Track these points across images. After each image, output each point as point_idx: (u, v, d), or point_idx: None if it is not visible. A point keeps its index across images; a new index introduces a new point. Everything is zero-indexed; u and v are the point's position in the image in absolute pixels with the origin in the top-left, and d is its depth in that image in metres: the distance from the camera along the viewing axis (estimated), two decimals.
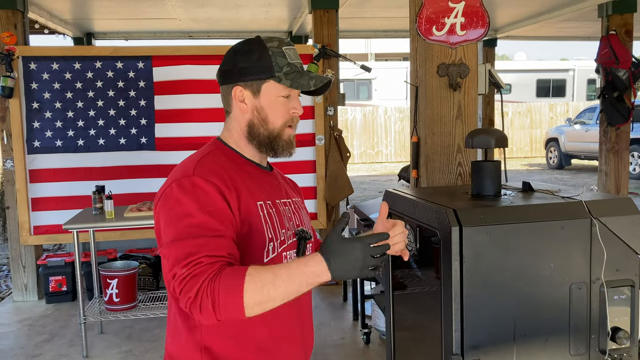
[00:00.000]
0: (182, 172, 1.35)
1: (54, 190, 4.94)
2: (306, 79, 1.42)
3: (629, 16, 5.92)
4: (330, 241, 1.24)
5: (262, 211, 1.40)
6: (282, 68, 1.42)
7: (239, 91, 1.44)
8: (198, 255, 1.23)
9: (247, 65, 1.42)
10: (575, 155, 14.43)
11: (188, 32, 7.94)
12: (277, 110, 1.44)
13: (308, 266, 1.23)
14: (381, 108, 17.40)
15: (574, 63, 20.19)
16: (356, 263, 1.22)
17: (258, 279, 1.20)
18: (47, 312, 4.78)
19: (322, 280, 1.24)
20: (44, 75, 4.87)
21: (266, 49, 1.42)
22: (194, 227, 1.26)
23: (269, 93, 1.43)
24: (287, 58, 1.43)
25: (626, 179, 6.10)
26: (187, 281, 1.21)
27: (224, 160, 1.43)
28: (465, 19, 2.40)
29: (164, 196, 1.35)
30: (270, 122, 1.44)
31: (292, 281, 1.22)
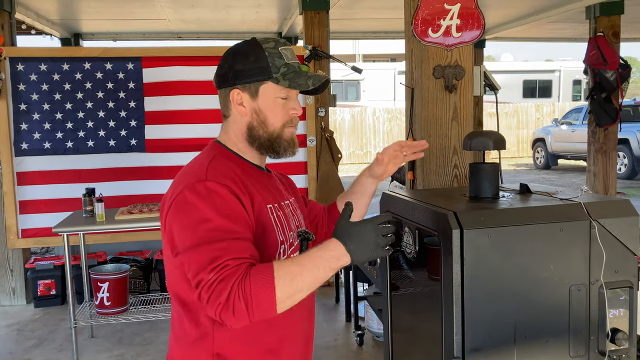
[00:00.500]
0: (194, 178, 1.33)
1: (42, 192, 4.87)
2: (304, 78, 1.41)
3: (616, 18, 5.98)
4: (341, 226, 1.28)
5: (272, 214, 1.40)
6: (280, 69, 1.40)
7: (237, 94, 1.43)
8: (223, 258, 1.21)
9: (244, 68, 1.41)
10: (561, 155, 14.56)
11: (177, 32, 7.89)
12: (276, 111, 1.42)
13: (328, 251, 1.26)
14: (369, 109, 17.43)
15: (559, 64, 20.39)
16: (371, 243, 1.26)
17: (287, 272, 1.21)
18: (35, 317, 4.71)
19: (343, 264, 1.27)
20: (31, 76, 4.80)
21: (262, 50, 1.41)
22: (214, 231, 1.25)
23: (267, 95, 1.41)
24: (284, 58, 1.41)
25: (614, 179, 6.17)
26: (215, 286, 1.20)
27: (229, 164, 1.41)
28: (461, 20, 2.40)
29: (175, 203, 1.32)
30: (269, 124, 1.43)
31: (318, 269, 1.24)
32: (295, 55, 1.47)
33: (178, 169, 4.98)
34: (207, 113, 5.01)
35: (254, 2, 6.05)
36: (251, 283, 1.18)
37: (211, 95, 5.00)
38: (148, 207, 4.09)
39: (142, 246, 5.31)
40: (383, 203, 2.20)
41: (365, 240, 1.26)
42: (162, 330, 4.34)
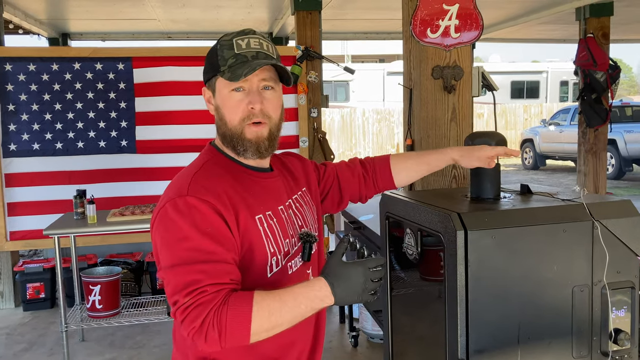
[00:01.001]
0: (175, 192, 1.29)
1: (31, 194, 4.80)
2: (244, 67, 1.30)
3: (605, 19, 6.04)
4: (332, 265, 1.26)
5: (262, 225, 1.34)
6: (227, 61, 1.32)
7: (205, 92, 1.42)
8: (201, 284, 1.19)
9: (205, 66, 1.39)
10: (549, 155, 14.68)
11: (167, 32, 7.84)
12: (230, 106, 1.35)
13: (313, 290, 1.23)
14: (359, 110, 17.46)
15: (547, 65, 20.56)
16: (357, 287, 1.24)
17: (265, 307, 1.19)
18: (24, 320, 4.65)
19: (325, 305, 1.25)
20: (20, 76, 4.73)
21: (217, 44, 1.37)
22: (192, 250, 1.22)
23: (220, 90, 1.36)
24: (233, 49, 1.33)
25: (604, 180, 6.22)
26: (190, 310, 1.18)
27: (219, 172, 1.35)
28: (460, 21, 2.39)
29: (159, 217, 1.28)
30: (228, 121, 1.36)
31: (298, 307, 1.22)
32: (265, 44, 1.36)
33: (169, 170, 4.90)
34: (199, 114, 4.97)
35: (245, 2, 6.02)
36: (227, 314, 1.17)
37: (202, 96, 4.95)
38: (140, 209, 4.05)
39: (132, 248, 5.25)
40: (383, 204, 2.18)
41: (352, 284, 1.24)
42: (155, 333, 4.30)
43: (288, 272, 1.40)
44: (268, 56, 1.35)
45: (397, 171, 1.75)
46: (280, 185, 1.48)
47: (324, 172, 1.69)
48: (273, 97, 1.38)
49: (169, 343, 4.08)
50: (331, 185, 1.69)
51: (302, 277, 1.45)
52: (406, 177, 1.78)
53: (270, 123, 1.37)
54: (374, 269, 1.26)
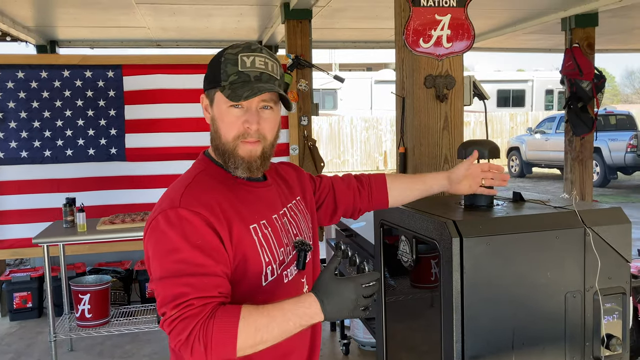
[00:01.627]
0: (168, 203, 1.28)
1: (19, 202, 4.76)
2: (245, 89, 1.28)
3: (590, 30, 6.14)
4: (323, 281, 1.25)
5: (257, 235, 1.34)
6: (229, 77, 1.31)
7: (202, 99, 1.40)
8: (188, 297, 1.19)
9: (207, 74, 1.38)
10: (535, 163, 14.83)
11: (156, 40, 7.83)
12: (227, 122, 1.33)
13: (302, 307, 1.22)
14: (347, 118, 17.52)
15: (532, 74, 20.82)
16: (349, 304, 1.23)
17: (252, 323, 1.19)
18: (11, 330, 4.58)
19: (314, 322, 1.25)
20: (8, 84, 4.70)
21: (222, 55, 1.35)
22: (181, 262, 1.22)
23: (219, 104, 1.34)
24: (237, 66, 1.31)
25: (590, 187, 6.30)
26: (177, 323, 1.18)
27: (212, 183, 1.34)
28: (452, 31, 2.43)
29: (151, 228, 1.28)
30: (222, 135, 1.34)
31: (287, 323, 1.22)
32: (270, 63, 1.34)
33: (159, 178, 4.87)
34: (189, 121, 4.96)
35: (236, 10, 6.04)
36: (214, 328, 1.17)
37: (192, 104, 4.95)
38: (130, 217, 4.03)
39: (121, 257, 5.21)
40: (377, 212, 2.20)
41: (343, 301, 1.22)
42: (144, 342, 4.26)
43: (283, 280, 1.40)
44: (271, 77, 1.33)
45: (392, 187, 1.75)
46: (274, 194, 1.47)
47: (319, 183, 1.70)
48: (271, 117, 1.36)
49: (159, 352, 4.05)
50: (326, 195, 1.69)
51: (297, 285, 1.45)
52: (400, 194, 1.76)
53: (264, 143, 1.35)
54: (366, 285, 1.24)
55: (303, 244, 1.44)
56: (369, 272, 1.31)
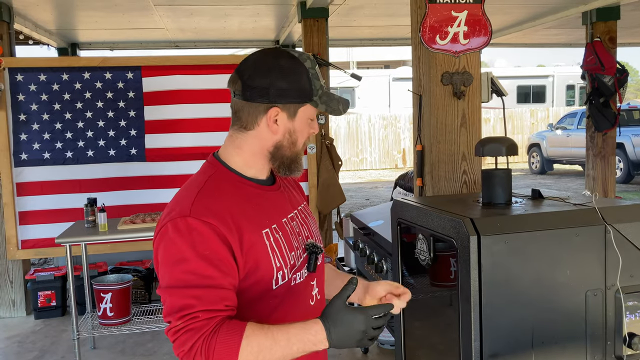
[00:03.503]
0: (178, 211, 1.27)
1: (42, 203, 4.84)
2: (335, 102, 1.38)
3: (612, 23, 6.03)
4: (334, 309, 1.23)
5: (269, 239, 1.33)
6: (318, 91, 1.36)
7: (276, 112, 1.35)
8: (194, 309, 1.19)
9: (288, 87, 1.33)
10: (557, 160, 14.62)
11: (174, 41, 7.90)
12: (305, 132, 1.39)
13: (308, 334, 1.21)
14: (365, 116, 17.48)
15: (553, 69, 20.53)
16: (357, 335, 1.22)
17: (255, 343, 1.19)
18: (36, 328, 4.67)
19: (318, 349, 1.23)
20: (31, 86, 4.78)
21: (306, 70, 1.34)
22: (189, 273, 1.21)
23: (303, 116, 1.37)
24: (320, 80, 1.37)
25: (613, 184, 6.20)
26: (181, 334, 1.19)
27: (223, 188, 1.33)
28: (468, 27, 2.41)
29: (160, 235, 1.28)
30: (297, 145, 1.39)
31: (290, 348, 1.21)
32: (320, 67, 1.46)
33: (179, 178, 4.92)
34: (208, 121, 5.00)
35: (253, 10, 6.07)
36: (216, 344, 1.17)
37: (211, 104, 4.99)
38: (151, 217, 4.07)
39: (141, 256, 5.27)
40: (394, 210, 2.19)
41: (351, 332, 1.21)
42: (165, 341, 4.31)
43: (291, 283, 1.38)
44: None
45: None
46: (284, 197, 1.47)
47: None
48: None
49: None
50: None
51: (307, 288, 1.44)
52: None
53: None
54: (377, 317, 1.23)
55: (314, 246, 1.44)
56: (382, 304, 1.28)
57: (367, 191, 12.80)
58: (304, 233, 1.45)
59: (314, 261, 1.43)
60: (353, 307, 1.24)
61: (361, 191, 12.81)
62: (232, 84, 1.38)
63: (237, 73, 1.37)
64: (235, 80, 1.37)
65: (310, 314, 1.38)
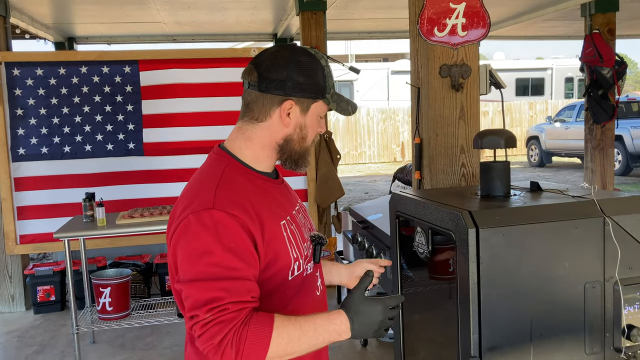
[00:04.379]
0: (199, 203, 1.26)
1: (40, 198, 4.84)
2: (345, 103, 1.42)
3: (611, 15, 6.01)
4: (355, 300, 1.29)
5: (286, 231, 1.35)
6: (330, 89, 1.39)
7: (290, 105, 1.35)
8: (224, 301, 1.19)
9: (304, 82, 1.34)
10: (555, 152, 14.63)
11: (172, 35, 7.86)
12: (315, 128, 1.41)
13: (333, 324, 1.26)
14: (363, 109, 17.45)
15: (551, 62, 20.49)
16: (375, 325, 1.28)
17: (285, 334, 1.21)
18: (35, 323, 4.67)
19: (341, 339, 1.28)
20: (27, 81, 4.76)
21: (322, 68, 1.37)
22: (215, 266, 1.21)
23: (315, 112, 1.39)
24: (332, 79, 1.40)
25: (612, 176, 6.20)
26: (210, 327, 1.18)
27: (240, 181, 1.33)
28: (466, 19, 2.40)
29: (181, 227, 1.26)
30: (307, 140, 1.41)
31: (317, 338, 1.25)
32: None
33: (177, 172, 4.89)
34: (206, 115, 4.98)
35: (250, 3, 6.04)
36: (247, 335, 1.17)
37: (209, 98, 4.97)
38: (149, 211, 4.07)
39: (140, 250, 5.27)
40: (393, 203, 2.19)
41: (371, 322, 1.27)
42: (164, 335, 4.32)
43: (304, 274, 1.41)
44: None
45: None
46: (288, 191, 1.50)
47: None
48: None
49: (180, 344, 4.10)
50: None
51: (314, 280, 1.46)
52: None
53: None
54: (392, 308, 1.30)
55: (319, 237, 1.47)
56: (395, 295, 1.36)
57: (366, 185, 12.79)
58: (307, 225, 1.49)
59: (318, 252, 1.46)
60: (372, 298, 1.30)
61: (360, 185, 12.80)
62: (248, 75, 1.38)
63: (254, 65, 1.37)
64: (251, 72, 1.37)
65: (317, 304, 1.45)
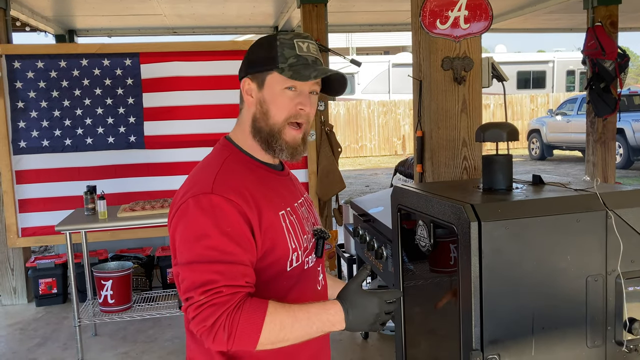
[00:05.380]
0: (199, 188, 1.28)
1: (41, 191, 4.84)
2: (310, 70, 1.32)
3: (614, 7, 5.98)
4: (350, 292, 1.28)
5: (285, 221, 1.35)
6: (288, 59, 1.33)
7: (247, 84, 1.39)
8: (218, 284, 1.20)
9: (255, 58, 1.38)
10: (557, 146, 14.60)
11: (173, 28, 7.84)
12: (279, 103, 1.35)
13: (327, 314, 1.25)
14: (364, 102, 17.42)
15: (553, 55, 20.43)
16: (371, 318, 1.27)
17: (278, 320, 1.21)
18: (37, 316, 4.69)
19: (335, 330, 1.27)
20: (28, 74, 4.76)
21: (275, 40, 1.36)
22: (211, 249, 1.22)
23: (272, 85, 1.35)
24: (295, 49, 1.34)
25: (613, 169, 6.19)
26: (204, 309, 1.19)
27: (240, 169, 1.35)
28: (469, 12, 2.39)
29: (180, 212, 1.28)
30: (271, 116, 1.36)
31: (310, 326, 1.24)
32: (319, 53, 1.40)
33: (178, 165, 4.89)
34: (207, 108, 4.98)
35: None
36: (240, 319, 1.18)
37: (210, 91, 4.96)
38: (150, 204, 4.07)
39: (142, 243, 5.28)
40: (394, 196, 2.19)
41: (366, 315, 1.26)
42: (166, 327, 4.33)
43: (304, 267, 1.41)
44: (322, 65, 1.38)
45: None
46: (293, 184, 1.51)
47: None
48: (316, 102, 1.41)
49: (181, 336, 4.11)
50: None
51: (315, 273, 1.46)
52: None
53: (307, 127, 1.40)
54: (389, 302, 1.29)
55: (322, 231, 1.47)
56: (393, 290, 1.35)
57: (367, 178, 12.79)
58: (311, 219, 1.49)
59: (321, 246, 1.46)
60: (369, 291, 1.29)
61: (361, 178, 12.79)
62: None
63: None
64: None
65: (319, 298, 1.45)
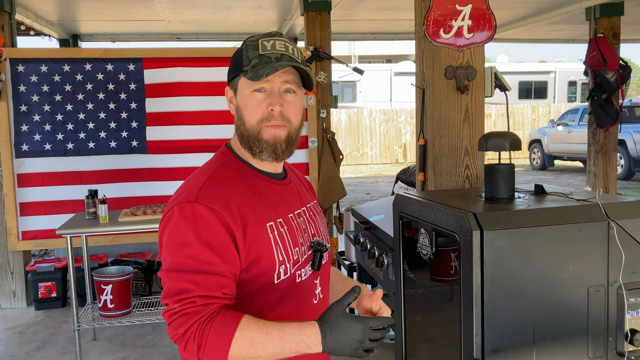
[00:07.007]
0: (185, 196, 1.28)
1: (43, 194, 4.84)
2: (267, 68, 1.29)
3: (616, 19, 6.01)
4: (332, 314, 1.21)
5: (273, 233, 1.32)
6: (251, 61, 1.31)
7: (228, 92, 1.40)
8: (192, 294, 1.20)
9: (230, 65, 1.38)
10: (558, 156, 14.61)
11: (176, 34, 7.87)
12: (249, 106, 1.33)
13: (302, 335, 1.19)
14: (366, 110, 17.45)
15: (555, 65, 20.48)
16: (352, 344, 1.19)
17: (249, 336, 1.18)
18: (36, 319, 4.68)
19: (312, 352, 1.20)
20: (32, 77, 4.77)
21: (243, 43, 1.36)
22: (190, 258, 1.22)
23: (242, 90, 1.34)
24: (258, 50, 1.32)
25: (614, 180, 6.19)
26: (177, 317, 1.20)
27: (232, 177, 1.34)
28: (472, 21, 2.40)
29: (165, 219, 1.30)
30: (245, 121, 1.34)
31: (283, 346, 1.19)
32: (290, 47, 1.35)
33: (180, 171, 4.90)
34: (209, 114, 4.99)
35: (255, 3, 6.04)
36: (210, 332, 1.17)
37: (212, 97, 4.98)
38: (151, 209, 4.07)
39: (142, 248, 5.28)
40: (396, 204, 2.19)
41: (347, 340, 1.19)
42: (165, 333, 4.31)
43: (296, 280, 1.38)
44: (292, 59, 1.33)
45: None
46: (293, 193, 1.47)
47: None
48: (294, 100, 1.36)
49: None
50: None
51: (310, 286, 1.43)
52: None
53: (289, 127, 1.35)
54: (376, 328, 1.20)
55: (319, 244, 1.43)
56: (382, 317, 1.25)
57: (368, 185, 12.79)
58: (310, 231, 1.44)
59: (318, 259, 1.42)
60: (352, 315, 1.22)
61: (362, 185, 12.80)
62: None
63: None
64: None
65: (313, 312, 1.37)
